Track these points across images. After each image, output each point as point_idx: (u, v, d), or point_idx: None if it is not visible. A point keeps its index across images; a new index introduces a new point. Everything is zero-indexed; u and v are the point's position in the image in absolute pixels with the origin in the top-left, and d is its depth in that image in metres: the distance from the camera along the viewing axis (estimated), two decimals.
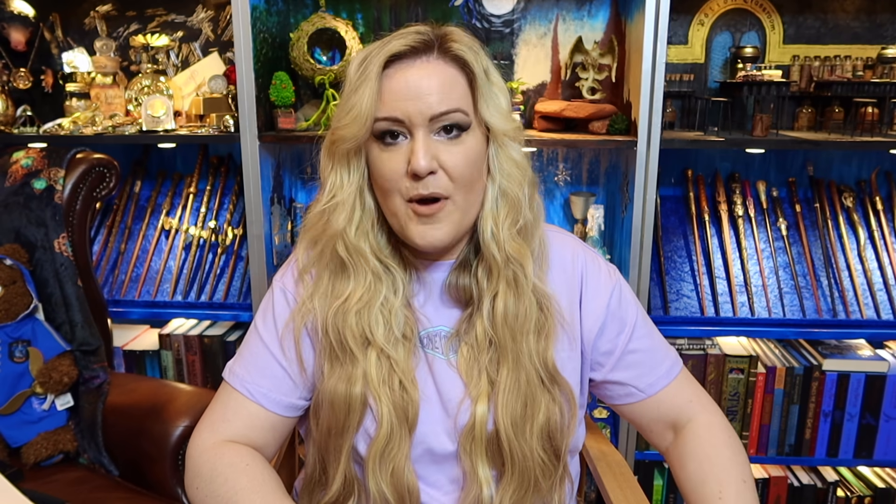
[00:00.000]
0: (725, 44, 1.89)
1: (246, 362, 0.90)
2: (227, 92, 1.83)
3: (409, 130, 0.78)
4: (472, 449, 0.83)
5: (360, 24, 1.90)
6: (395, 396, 0.82)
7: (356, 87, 0.77)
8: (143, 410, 1.37)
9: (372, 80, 0.76)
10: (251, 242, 1.75)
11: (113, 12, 1.97)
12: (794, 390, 1.75)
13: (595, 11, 1.87)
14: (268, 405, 0.88)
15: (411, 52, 0.77)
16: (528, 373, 0.83)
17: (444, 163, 0.78)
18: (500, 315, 0.83)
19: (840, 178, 1.93)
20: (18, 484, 1.04)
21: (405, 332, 0.85)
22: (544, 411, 0.84)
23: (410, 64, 0.77)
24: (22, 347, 1.37)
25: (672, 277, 1.83)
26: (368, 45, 0.81)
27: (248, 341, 0.92)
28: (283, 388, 0.88)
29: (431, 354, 0.87)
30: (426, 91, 0.76)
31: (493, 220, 0.83)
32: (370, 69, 0.76)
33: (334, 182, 0.83)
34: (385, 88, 0.77)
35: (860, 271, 1.80)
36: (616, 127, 1.73)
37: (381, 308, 0.83)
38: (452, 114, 0.77)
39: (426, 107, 0.76)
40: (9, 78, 1.90)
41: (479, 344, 0.85)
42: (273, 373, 0.88)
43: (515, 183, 0.83)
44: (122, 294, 1.87)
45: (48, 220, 1.43)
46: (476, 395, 0.83)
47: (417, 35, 0.78)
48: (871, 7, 1.84)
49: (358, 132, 0.77)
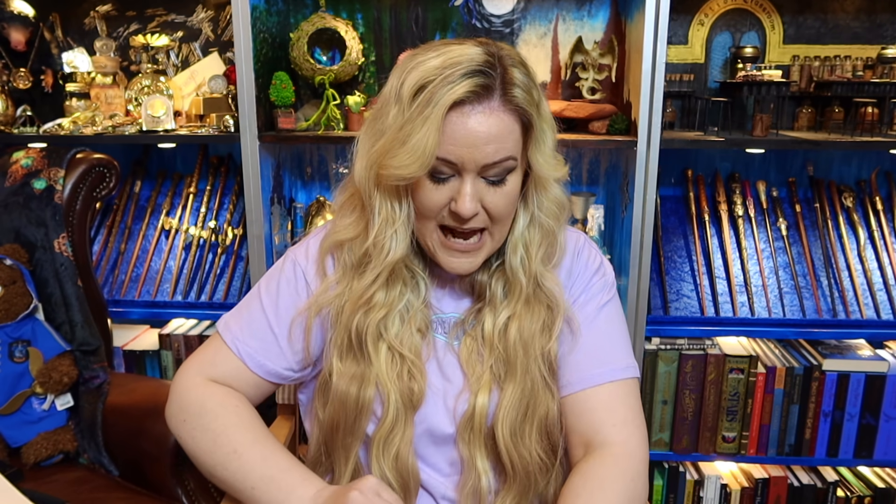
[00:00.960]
0: (725, 44, 1.89)
1: (241, 320, 0.92)
2: (227, 92, 1.83)
3: (458, 172, 0.78)
4: (471, 438, 0.85)
5: (360, 24, 1.90)
6: (402, 385, 0.84)
7: (415, 125, 0.75)
8: (143, 410, 1.37)
9: (435, 122, 0.74)
10: (251, 242, 1.75)
11: (113, 12, 1.97)
12: (794, 390, 1.75)
13: (595, 11, 1.87)
14: (252, 366, 0.90)
15: (474, 98, 0.75)
16: (534, 376, 0.85)
17: (487, 204, 0.79)
18: (514, 335, 0.84)
19: (840, 178, 1.93)
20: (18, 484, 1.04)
21: (420, 326, 0.87)
22: (544, 408, 0.85)
23: (472, 109, 0.75)
24: (22, 347, 1.37)
25: (672, 277, 1.83)
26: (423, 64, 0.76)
27: (248, 301, 0.94)
28: (269, 355, 0.90)
29: (438, 338, 0.90)
30: (484, 140, 0.76)
31: (523, 248, 0.85)
32: (434, 110, 0.74)
33: (387, 213, 0.82)
34: (444, 131, 0.76)
35: (860, 271, 1.80)
36: (616, 127, 1.73)
37: (402, 311, 0.86)
38: (504, 162, 0.78)
39: (482, 156, 0.76)
40: (9, 78, 1.90)
41: (485, 342, 0.86)
42: (264, 337, 0.90)
43: (553, 217, 0.85)
44: (122, 294, 1.87)
45: (48, 220, 1.43)
46: (476, 388, 0.85)
47: (480, 77, 0.75)
48: (871, 7, 1.84)
49: (417, 172, 0.76)
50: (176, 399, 0.90)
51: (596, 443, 0.83)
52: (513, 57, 0.79)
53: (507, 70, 0.77)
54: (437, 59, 0.76)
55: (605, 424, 0.84)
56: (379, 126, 0.80)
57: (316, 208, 1.91)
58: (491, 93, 0.76)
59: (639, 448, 0.84)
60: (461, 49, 0.77)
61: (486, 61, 0.76)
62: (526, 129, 0.79)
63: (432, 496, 0.89)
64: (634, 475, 0.82)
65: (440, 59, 0.76)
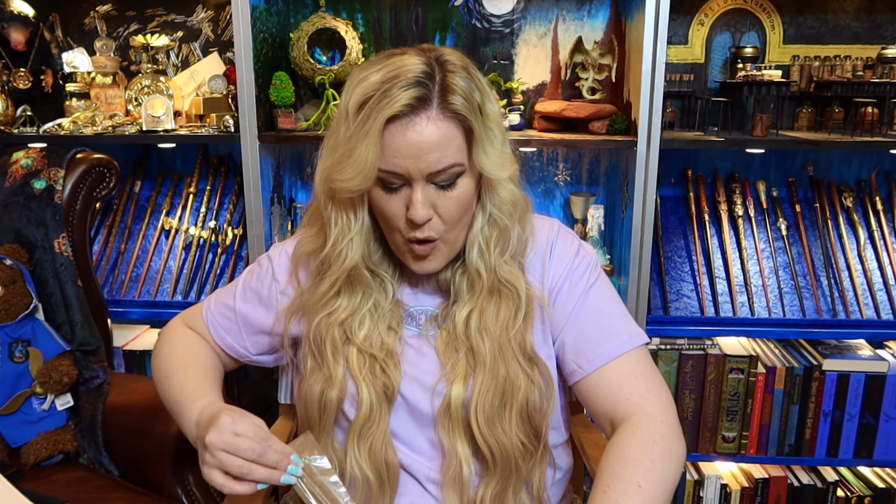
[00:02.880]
0: (725, 44, 1.89)
1: (219, 296, 1.04)
2: (227, 92, 1.83)
3: (407, 182, 0.81)
4: (450, 426, 0.87)
5: (360, 24, 1.90)
6: (375, 381, 0.87)
7: (357, 140, 0.78)
8: (143, 410, 1.37)
9: (374, 137, 0.77)
10: (251, 242, 1.75)
11: (113, 12, 1.97)
12: (794, 390, 1.75)
13: (595, 11, 1.87)
14: (214, 335, 1.02)
15: (411, 110, 0.77)
16: (508, 361, 0.86)
17: (439, 209, 0.82)
18: (475, 326, 0.87)
19: (840, 178, 1.93)
20: (18, 484, 1.04)
21: (391, 323, 0.91)
22: (523, 395, 0.86)
23: (409, 122, 0.77)
24: (22, 347, 1.37)
25: (672, 277, 1.83)
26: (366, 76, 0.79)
27: (231, 286, 1.04)
28: (228, 329, 1.01)
29: (414, 330, 0.93)
30: (425, 150, 0.78)
31: (482, 243, 0.87)
32: (372, 125, 0.77)
33: (342, 224, 0.87)
34: (386, 143, 0.78)
35: (860, 271, 1.80)
36: (616, 127, 1.73)
37: (369, 311, 0.90)
38: (449, 169, 0.80)
39: (425, 165, 0.78)
40: (9, 78, 1.90)
41: (459, 335, 0.89)
42: (227, 315, 1.02)
43: (506, 214, 0.87)
44: (122, 294, 1.87)
45: (48, 220, 1.43)
46: (452, 377, 0.87)
47: (417, 89, 0.77)
48: (871, 7, 1.84)
49: (362, 184, 0.80)
50: (159, 338, 1.05)
51: (618, 419, 0.86)
52: (454, 63, 0.80)
53: (446, 77, 0.79)
54: (378, 73, 0.78)
55: (620, 399, 0.86)
56: (332, 142, 0.84)
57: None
58: (428, 103, 0.78)
59: (658, 410, 0.85)
60: (401, 60, 0.79)
61: (423, 72, 0.78)
62: (468, 133, 0.81)
63: (416, 479, 0.90)
64: (657, 437, 0.81)
65: (380, 74, 0.78)
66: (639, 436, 0.81)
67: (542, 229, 0.95)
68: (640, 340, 0.90)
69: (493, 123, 0.82)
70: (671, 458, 0.80)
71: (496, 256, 0.87)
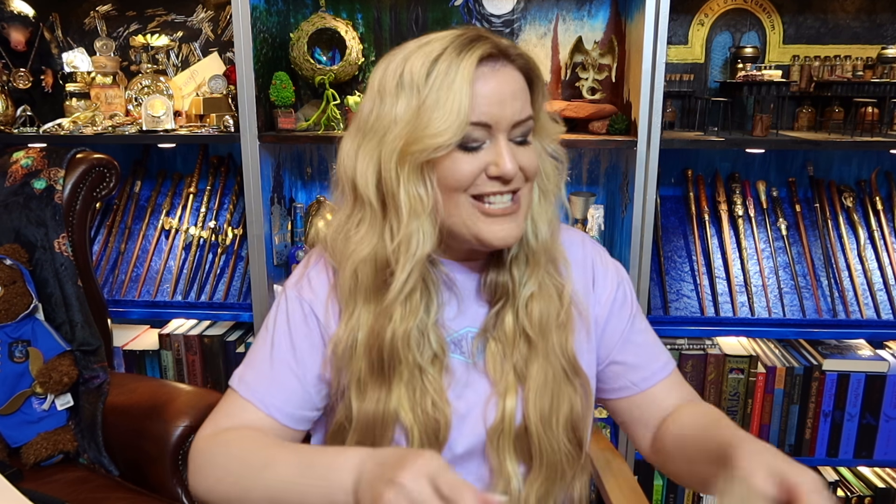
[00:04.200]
0: (725, 44, 1.89)
1: (257, 372, 0.85)
2: (227, 92, 1.83)
3: (491, 135, 0.76)
4: (500, 443, 0.84)
5: (360, 24, 1.90)
6: (427, 419, 0.81)
7: (440, 93, 0.73)
8: (143, 410, 1.37)
9: (466, 78, 0.73)
10: (251, 242, 1.75)
11: (113, 12, 1.97)
12: (794, 390, 1.75)
13: (595, 11, 1.87)
14: (282, 419, 0.84)
15: (491, 58, 0.75)
16: (555, 367, 0.85)
17: (522, 164, 0.78)
18: (536, 315, 0.84)
19: (840, 178, 1.93)
20: (18, 484, 1.04)
21: (437, 350, 0.82)
22: (568, 403, 0.85)
23: (493, 68, 0.75)
24: (22, 347, 1.37)
25: (672, 277, 1.83)
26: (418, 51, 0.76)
27: (259, 351, 0.87)
28: (295, 401, 0.85)
29: (458, 360, 0.86)
30: (511, 97, 0.76)
31: (538, 218, 0.84)
32: (461, 71, 0.73)
33: (412, 201, 0.76)
34: (476, 91, 0.74)
35: (860, 271, 1.80)
36: (616, 127, 1.73)
37: (417, 330, 0.80)
38: (528, 121, 0.79)
39: (512, 112, 0.76)
40: (9, 78, 1.90)
41: (508, 338, 0.85)
42: (290, 386, 0.84)
43: (552, 182, 0.85)
44: (122, 294, 1.87)
45: (48, 220, 1.43)
46: (504, 391, 0.84)
47: (486, 42, 0.75)
48: (871, 7, 1.84)
49: (452, 138, 0.73)
50: (192, 458, 0.82)
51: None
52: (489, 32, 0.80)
53: (495, 37, 0.78)
54: (430, 43, 0.76)
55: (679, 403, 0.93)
56: (384, 122, 0.76)
57: (316, 208, 1.91)
58: (499, 53, 0.76)
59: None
60: (442, 33, 0.77)
61: (475, 34, 0.76)
62: (531, 86, 0.80)
63: None
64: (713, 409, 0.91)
65: (433, 42, 0.76)
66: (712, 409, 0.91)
67: (574, 240, 0.93)
68: (673, 361, 0.96)
69: (541, 76, 0.82)
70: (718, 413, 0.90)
71: (545, 226, 0.84)
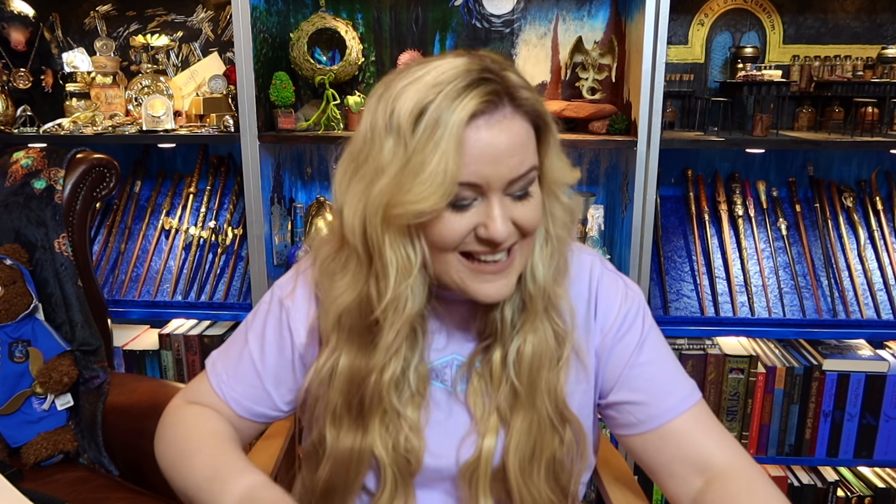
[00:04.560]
0: (725, 44, 1.89)
1: (227, 362, 0.91)
2: (227, 92, 1.83)
3: (483, 194, 0.70)
4: (475, 481, 0.80)
5: (360, 24, 1.90)
6: (398, 456, 0.79)
7: (426, 152, 0.66)
8: (143, 410, 1.37)
9: (453, 141, 0.65)
10: (251, 242, 1.75)
11: (113, 12, 1.97)
12: (794, 390, 1.74)
13: (595, 11, 1.87)
14: (238, 409, 0.89)
15: (486, 108, 0.67)
16: (541, 414, 0.79)
17: (517, 220, 0.71)
18: (527, 360, 0.78)
19: (840, 178, 1.93)
20: (18, 484, 1.04)
21: (418, 389, 0.80)
22: (550, 452, 0.80)
23: (486, 122, 0.67)
24: (22, 347, 1.37)
25: (672, 277, 1.83)
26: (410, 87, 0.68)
27: (235, 340, 0.92)
28: (255, 398, 0.89)
29: (439, 388, 0.83)
30: (507, 154, 0.68)
31: (541, 265, 0.77)
32: (448, 129, 0.65)
33: (401, 261, 0.71)
34: (465, 152, 0.66)
35: (860, 271, 1.80)
36: (616, 127, 1.73)
37: (400, 370, 0.78)
38: (529, 174, 0.71)
39: (507, 171, 0.68)
40: (9, 78, 1.90)
41: (494, 379, 0.80)
42: (250, 381, 0.88)
43: (564, 228, 0.78)
44: (122, 294, 1.87)
45: (48, 220, 1.43)
46: (484, 430, 0.79)
47: (487, 85, 0.67)
48: (871, 7, 1.84)
49: (438, 203, 0.67)
50: (160, 423, 0.92)
51: (715, 465, 0.80)
52: (501, 61, 0.72)
53: (505, 73, 0.70)
54: (426, 77, 0.68)
55: (710, 446, 0.81)
56: (371, 165, 0.70)
57: (316, 208, 1.91)
58: (501, 99, 0.68)
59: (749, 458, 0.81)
60: (446, 63, 0.69)
61: (481, 68, 0.68)
62: (539, 132, 0.73)
63: None
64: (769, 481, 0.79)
65: (430, 77, 0.67)
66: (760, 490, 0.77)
67: (583, 265, 0.86)
68: (699, 394, 0.85)
69: (555, 129, 0.74)
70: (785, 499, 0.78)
71: (550, 280, 0.78)
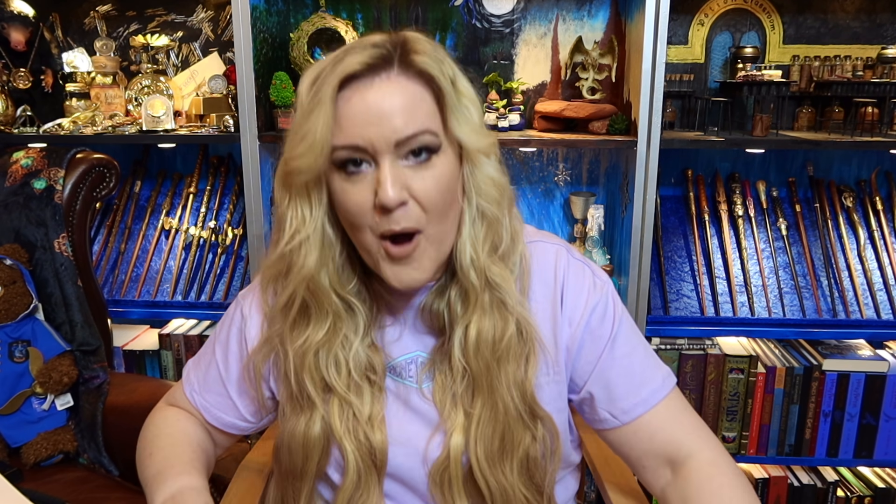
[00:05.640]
0: (725, 44, 1.89)
1: (199, 371, 0.94)
2: (227, 92, 1.83)
3: (373, 158, 0.69)
4: (446, 482, 0.79)
5: (360, 24, 1.90)
6: (360, 446, 0.78)
7: (308, 112, 0.69)
8: (143, 410, 1.35)
9: (326, 104, 0.67)
10: (251, 242, 1.75)
11: (113, 12, 1.97)
12: (794, 390, 1.74)
13: (595, 11, 1.87)
14: (209, 418, 0.93)
15: (369, 70, 0.68)
16: (506, 404, 0.78)
17: (414, 191, 0.69)
18: (473, 343, 0.76)
19: (840, 178, 1.93)
20: (18, 484, 1.04)
21: (368, 374, 0.80)
22: (523, 448, 0.79)
23: (369, 83, 0.68)
24: (22, 347, 1.37)
25: (672, 277, 1.83)
26: (320, 61, 0.72)
27: (206, 349, 0.94)
28: (223, 407, 0.92)
29: (404, 385, 0.82)
30: (388, 113, 0.67)
31: (471, 245, 0.75)
32: (323, 91, 0.68)
33: (294, 218, 0.74)
34: (342, 113, 0.68)
35: (860, 271, 1.80)
36: (616, 127, 1.73)
37: (340, 350, 0.78)
38: (420, 136, 0.69)
39: (390, 131, 0.67)
40: (9, 78, 1.90)
41: (454, 373, 0.79)
42: (217, 391, 0.92)
43: (493, 203, 0.76)
44: (122, 294, 1.87)
45: (48, 220, 1.43)
46: (450, 428, 0.78)
47: (374, 49, 0.69)
48: (871, 7, 1.84)
49: (314, 163, 0.69)
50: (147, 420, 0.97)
51: (682, 456, 0.81)
52: (418, 37, 0.72)
53: (407, 41, 0.70)
54: (332, 54, 0.71)
55: (680, 437, 0.82)
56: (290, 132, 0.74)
57: None
58: (388, 62, 0.69)
59: (720, 446, 0.82)
60: (360, 40, 0.72)
61: (382, 40, 0.70)
62: (439, 99, 0.71)
63: None
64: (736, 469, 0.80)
65: (336, 52, 0.71)
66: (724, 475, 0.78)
67: (547, 256, 0.83)
68: (672, 382, 0.85)
69: (467, 100, 0.72)
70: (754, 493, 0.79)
71: (485, 256, 0.76)
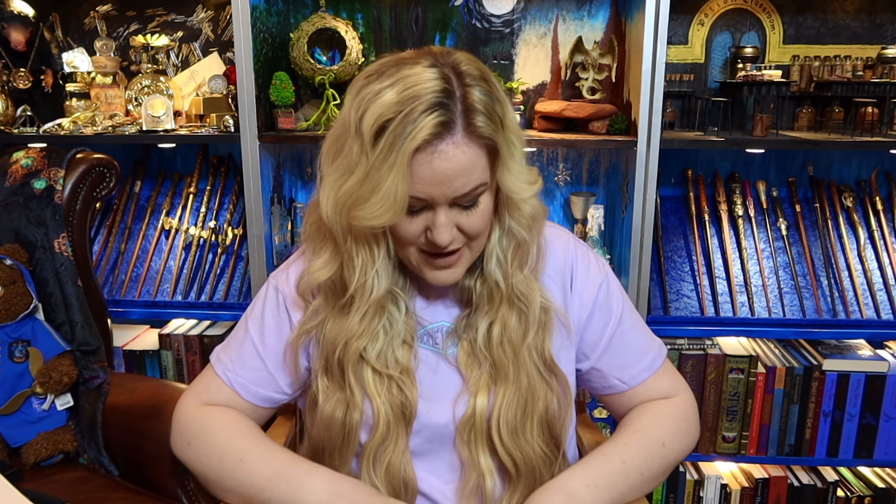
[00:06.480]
0: (725, 44, 1.89)
1: (230, 350, 0.96)
2: (227, 92, 1.83)
3: (430, 206, 0.77)
4: (471, 438, 0.86)
5: (360, 24, 1.90)
6: (392, 398, 0.85)
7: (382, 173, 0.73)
8: (143, 410, 1.37)
9: (402, 169, 0.72)
10: (251, 242, 1.75)
11: (113, 12, 1.97)
12: (794, 390, 1.74)
13: (595, 11, 1.87)
14: (245, 395, 0.93)
15: (435, 137, 0.73)
16: (529, 370, 0.86)
17: (462, 226, 0.79)
18: (497, 339, 0.86)
19: (840, 178, 1.93)
20: (18, 484, 1.04)
21: (405, 338, 0.87)
22: (543, 402, 0.86)
23: (434, 150, 0.73)
24: (22, 347, 1.37)
25: (672, 277, 1.83)
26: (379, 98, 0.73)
27: (236, 331, 0.97)
28: (260, 382, 0.93)
29: (431, 350, 0.90)
30: (451, 177, 0.75)
31: (499, 254, 0.85)
32: (399, 156, 0.72)
33: (365, 256, 0.82)
34: (411, 172, 0.74)
35: (860, 271, 1.80)
36: (616, 127, 1.73)
37: (383, 328, 0.86)
38: (474, 192, 0.77)
39: (451, 191, 0.75)
40: (9, 78, 1.90)
41: (480, 344, 0.87)
42: (253, 365, 0.93)
43: (525, 228, 0.85)
44: (122, 294, 1.87)
45: (48, 220, 1.43)
46: (475, 389, 0.86)
47: (440, 113, 0.72)
48: (871, 7, 1.84)
49: (391, 220, 0.76)
50: (177, 427, 0.94)
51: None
52: (472, 74, 0.75)
53: (466, 94, 0.74)
54: (392, 90, 0.72)
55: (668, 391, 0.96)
56: (344, 160, 0.78)
57: None
58: (452, 127, 0.73)
59: (688, 394, 0.96)
60: (414, 74, 0.73)
61: (443, 90, 0.73)
62: (492, 153, 0.78)
63: (432, 499, 0.89)
64: (688, 416, 0.94)
65: (395, 91, 0.72)
66: (675, 408, 0.93)
67: (558, 242, 0.93)
68: (664, 352, 0.98)
69: (513, 136, 0.79)
70: (690, 438, 0.93)
71: (514, 270, 0.85)
